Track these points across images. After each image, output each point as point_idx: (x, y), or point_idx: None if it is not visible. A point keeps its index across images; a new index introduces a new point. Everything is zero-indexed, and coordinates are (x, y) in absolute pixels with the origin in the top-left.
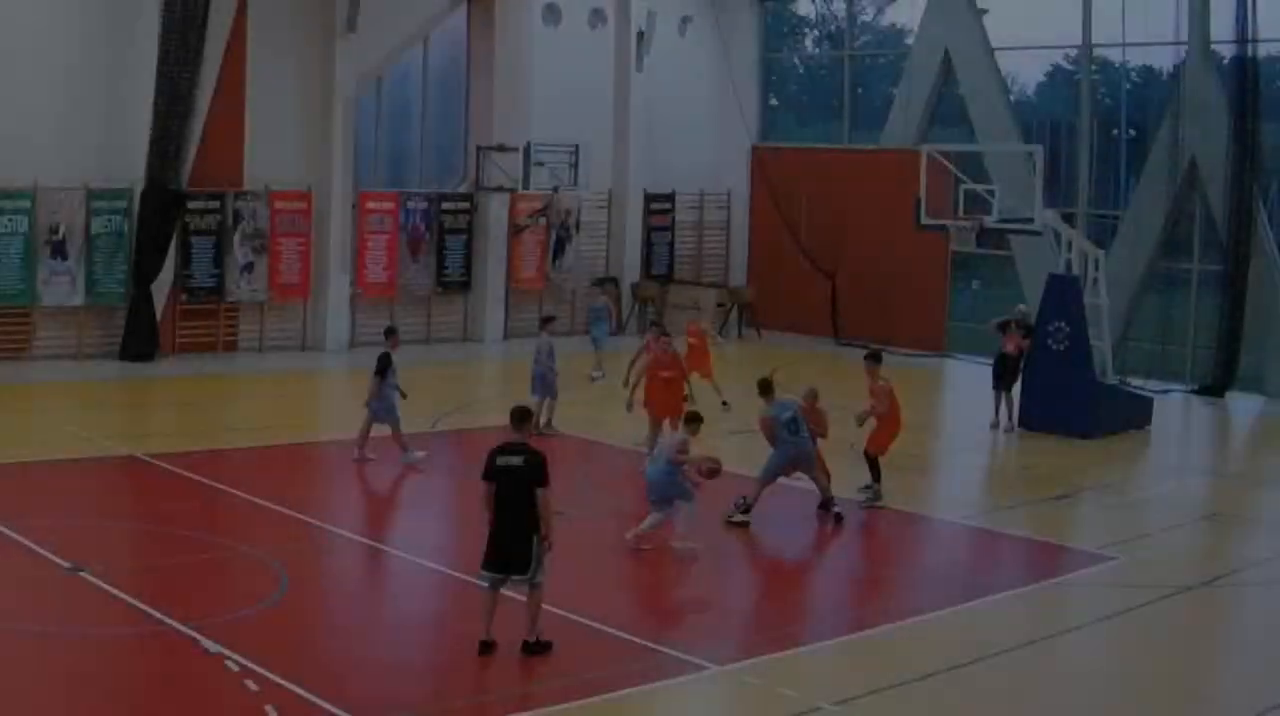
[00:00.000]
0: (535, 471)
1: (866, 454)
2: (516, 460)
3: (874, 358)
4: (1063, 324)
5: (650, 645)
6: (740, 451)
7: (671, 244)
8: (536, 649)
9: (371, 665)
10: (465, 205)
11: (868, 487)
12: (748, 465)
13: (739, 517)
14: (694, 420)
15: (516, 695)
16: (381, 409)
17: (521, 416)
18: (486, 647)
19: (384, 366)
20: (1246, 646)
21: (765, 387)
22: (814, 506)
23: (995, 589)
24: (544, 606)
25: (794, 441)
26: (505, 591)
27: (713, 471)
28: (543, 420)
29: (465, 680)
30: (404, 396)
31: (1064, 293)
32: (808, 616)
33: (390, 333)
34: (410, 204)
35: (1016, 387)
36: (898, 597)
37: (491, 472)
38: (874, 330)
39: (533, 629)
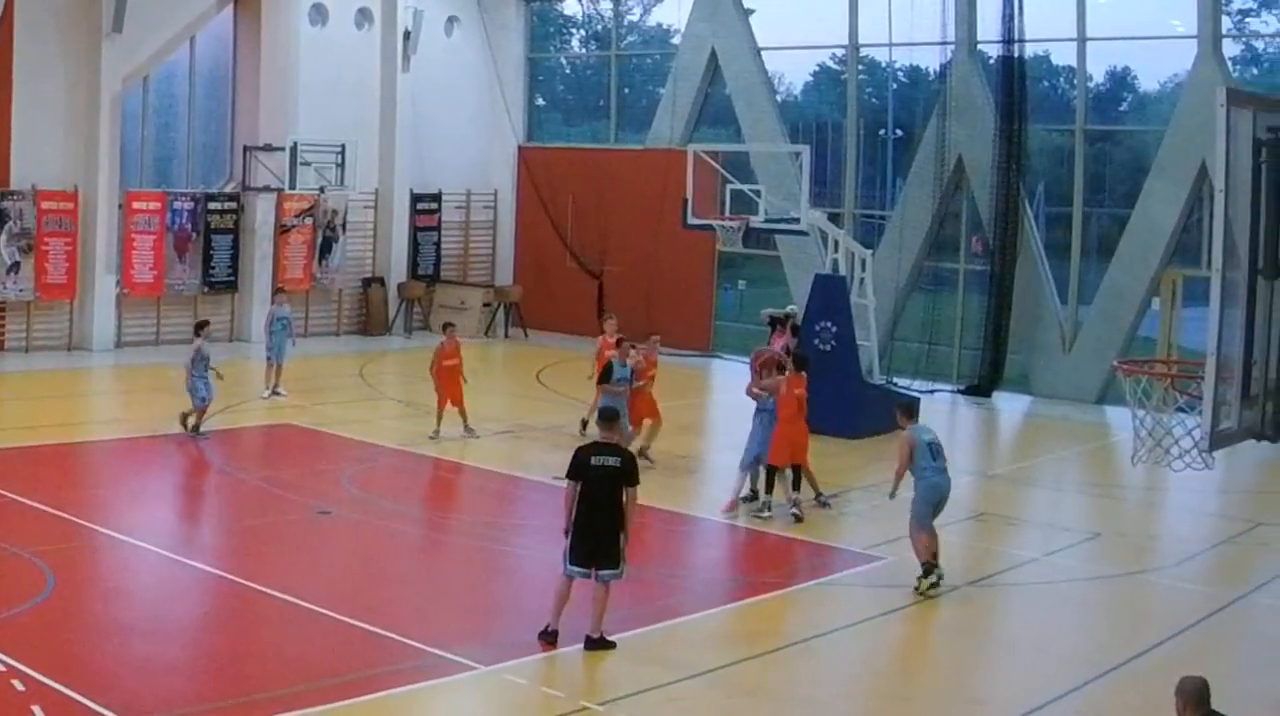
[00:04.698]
0: (631, 471)
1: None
2: (613, 460)
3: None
4: (829, 324)
5: (417, 645)
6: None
7: (438, 244)
8: (601, 645)
9: (140, 665)
10: (232, 205)
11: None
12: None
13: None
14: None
15: (284, 695)
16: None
17: (611, 416)
18: (550, 636)
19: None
20: (1014, 645)
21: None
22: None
23: (764, 588)
24: (314, 607)
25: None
26: None
27: None
28: (190, 422)
29: (233, 680)
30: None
31: (831, 293)
32: (574, 616)
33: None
34: (177, 204)
35: None
36: (665, 597)
37: (583, 472)
38: (640, 329)
39: (598, 626)
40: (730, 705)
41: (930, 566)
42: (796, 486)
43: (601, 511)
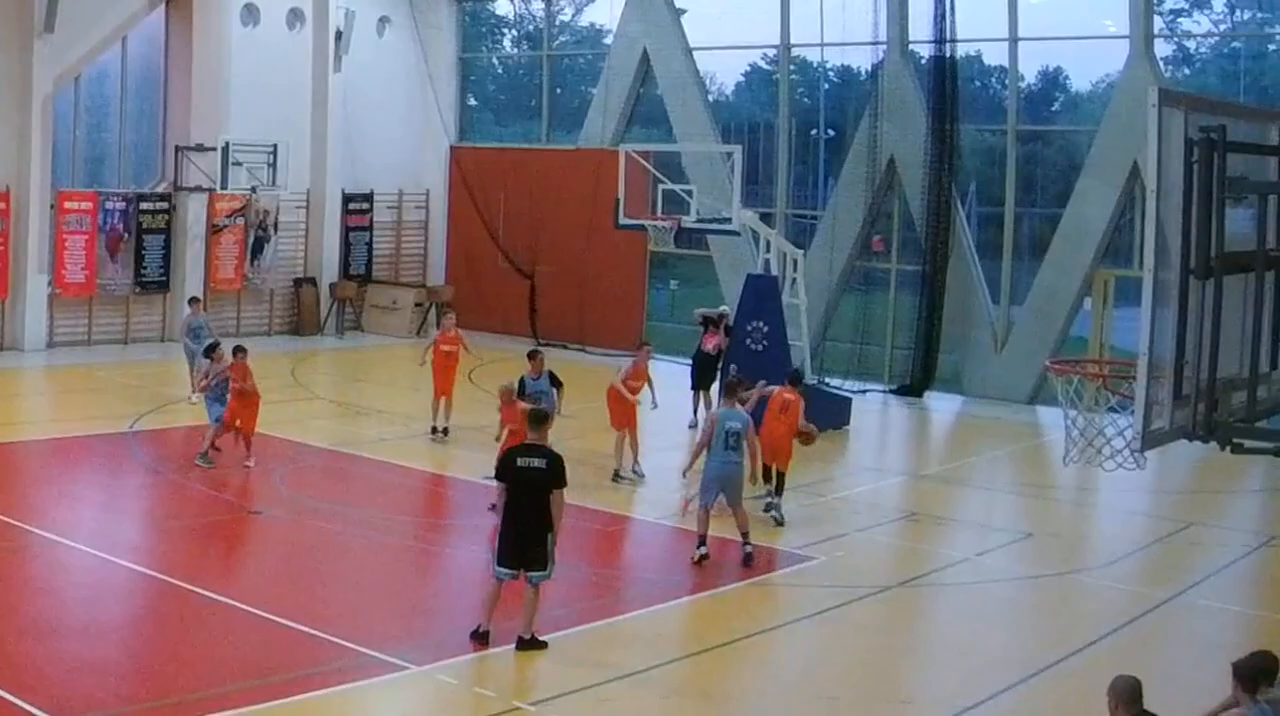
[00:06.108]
0: (557, 473)
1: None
2: (539, 462)
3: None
4: (761, 324)
5: (349, 645)
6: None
7: (370, 244)
8: (533, 646)
9: (70, 665)
10: (164, 205)
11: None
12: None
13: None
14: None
15: (215, 695)
16: None
17: (539, 418)
18: (482, 637)
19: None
20: (945, 645)
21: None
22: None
23: (694, 588)
24: (245, 606)
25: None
26: None
27: None
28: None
29: (164, 680)
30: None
31: (762, 292)
32: (506, 617)
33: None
34: (109, 204)
35: (715, 387)
36: (597, 598)
37: (510, 473)
38: (572, 329)
39: (529, 626)
40: (661, 705)
41: (702, 539)
42: (779, 490)
43: (529, 513)
